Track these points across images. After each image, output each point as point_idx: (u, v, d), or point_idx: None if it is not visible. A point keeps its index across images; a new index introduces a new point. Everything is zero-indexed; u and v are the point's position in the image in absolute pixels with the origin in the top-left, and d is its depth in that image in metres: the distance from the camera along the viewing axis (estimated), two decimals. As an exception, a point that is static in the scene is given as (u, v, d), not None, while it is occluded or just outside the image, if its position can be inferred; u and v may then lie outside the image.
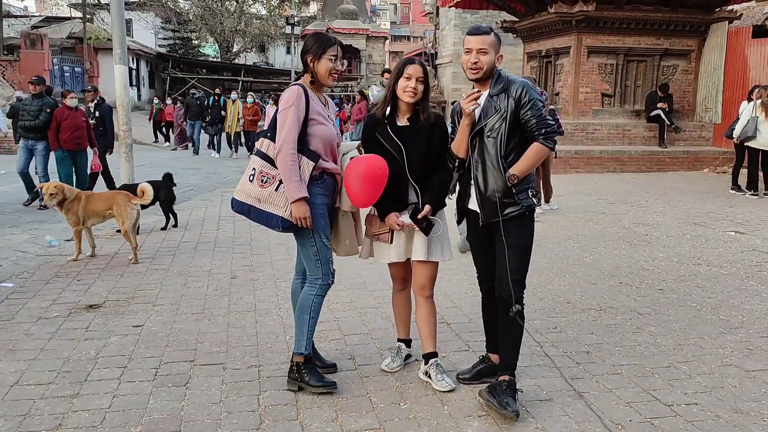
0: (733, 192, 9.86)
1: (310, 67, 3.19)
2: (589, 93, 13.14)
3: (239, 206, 3.18)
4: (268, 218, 3.12)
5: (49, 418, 2.96)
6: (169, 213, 7.47)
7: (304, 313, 3.23)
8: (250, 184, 3.14)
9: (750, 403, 3.12)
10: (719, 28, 12.98)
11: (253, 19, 39.34)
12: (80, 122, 8.56)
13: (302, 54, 3.23)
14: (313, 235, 3.16)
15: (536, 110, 2.98)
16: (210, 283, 5.19)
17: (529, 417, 2.98)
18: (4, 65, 21.98)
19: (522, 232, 3.06)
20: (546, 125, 3.00)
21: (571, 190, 10.09)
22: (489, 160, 3.05)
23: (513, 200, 3.02)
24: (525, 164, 3.01)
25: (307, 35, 3.37)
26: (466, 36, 3.09)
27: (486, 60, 3.03)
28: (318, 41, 3.19)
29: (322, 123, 3.17)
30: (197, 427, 2.88)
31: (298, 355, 3.26)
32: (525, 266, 3.12)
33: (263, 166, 3.13)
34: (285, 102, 3.10)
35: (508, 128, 3.00)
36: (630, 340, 3.96)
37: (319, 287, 3.22)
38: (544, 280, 5.23)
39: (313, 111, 3.14)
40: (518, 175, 2.99)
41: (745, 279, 5.34)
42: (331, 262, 3.25)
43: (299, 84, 3.19)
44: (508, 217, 3.02)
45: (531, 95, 2.99)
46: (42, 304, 4.63)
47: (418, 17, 52.05)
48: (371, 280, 5.15)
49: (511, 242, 3.03)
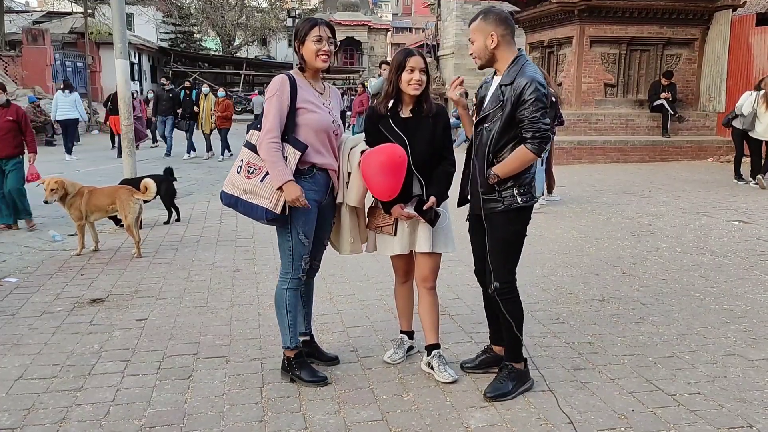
0: (736, 182, 9.80)
1: (298, 52, 3.17)
2: (591, 83, 13.06)
3: (227, 199, 3.16)
4: (254, 209, 3.08)
5: (53, 411, 2.98)
6: (170, 207, 7.48)
7: (281, 308, 3.24)
8: (237, 176, 3.12)
9: (753, 393, 3.12)
10: (723, 17, 12.88)
11: (255, 13, 39.21)
12: (2, 123, 6.95)
13: (293, 41, 3.22)
14: (291, 229, 3.13)
15: (533, 110, 2.83)
16: (213, 277, 5.20)
17: (531, 407, 2.98)
18: (6, 61, 21.97)
19: (505, 227, 3.01)
20: (536, 128, 2.84)
21: (574, 180, 10.06)
22: (481, 150, 3.02)
23: (495, 197, 2.98)
24: (507, 165, 2.93)
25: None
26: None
27: (476, 47, 3.01)
28: (301, 25, 3.17)
29: (312, 111, 3.11)
30: (200, 420, 2.89)
31: (286, 350, 3.28)
32: (508, 260, 3.07)
33: (250, 157, 3.11)
34: (268, 92, 3.10)
35: (503, 122, 2.92)
36: (633, 330, 3.96)
37: (290, 281, 3.21)
38: (546, 271, 5.23)
39: (302, 99, 3.08)
40: (499, 174, 2.92)
41: (749, 268, 5.33)
42: (304, 258, 3.20)
43: (286, 73, 3.16)
44: (492, 212, 2.99)
45: (534, 94, 2.83)
46: (46, 299, 4.64)
47: (420, 8, 51.78)
48: (374, 272, 5.15)
49: (494, 236, 3.01)
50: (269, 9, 39.79)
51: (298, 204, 3.01)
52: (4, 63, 21.90)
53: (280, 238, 3.20)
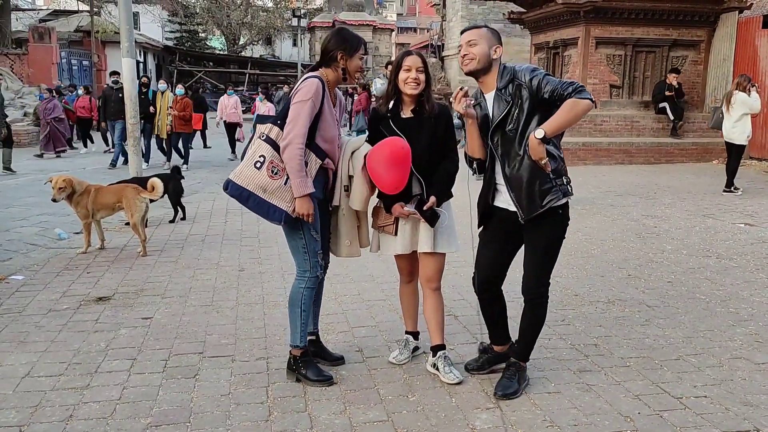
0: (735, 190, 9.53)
1: (340, 62, 3.11)
2: (597, 84, 13.03)
3: (237, 190, 3.04)
4: (270, 210, 3.04)
5: (60, 409, 2.99)
6: (177, 206, 7.50)
7: (295, 307, 3.22)
8: (257, 171, 3.03)
9: (760, 396, 3.11)
10: (729, 18, 12.83)
11: (260, 12, 39.31)
12: None
13: (331, 48, 3.13)
14: (301, 227, 3.13)
15: (553, 82, 2.86)
16: (218, 276, 5.21)
17: (537, 409, 2.98)
18: (12, 59, 22.06)
19: (551, 228, 3.03)
20: (570, 84, 2.83)
21: (579, 182, 9.98)
22: (515, 153, 2.98)
23: (551, 185, 2.93)
24: (556, 120, 2.79)
25: (335, 28, 3.29)
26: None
27: (477, 51, 2.98)
28: (351, 38, 3.16)
29: (329, 123, 3.12)
30: (206, 419, 2.90)
31: (294, 348, 3.28)
32: (551, 266, 3.13)
33: (274, 156, 3.04)
34: (303, 94, 3.01)
35: (525, 116, 2.92)
36: (638, 332, 3.95)
37: (307, 280, 3.20)
38: (552, 273, 5.21)
39: (326, 109, 3.09)
40: (546, 131, 2.78)
41: (755, 271, 5.31)
42: (319, 254, 3.21)
43: (318, 77, 3.09)
44: (542, 213, 2.95)
45: (540, 74, 2.91)
46: (52, 297, 4.66)
47: (425, 9, 51.74)
48: (379, 272, 5.15)
49: (538, 238, 3.03)
50: (274, 8, 39.86)
51: (306, 219, 3.05)
52: (11, 61, 21.99)
53: (292, 239, 3.19)
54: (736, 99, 8.91)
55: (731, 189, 9.09)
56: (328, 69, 3.16)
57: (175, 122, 11.85)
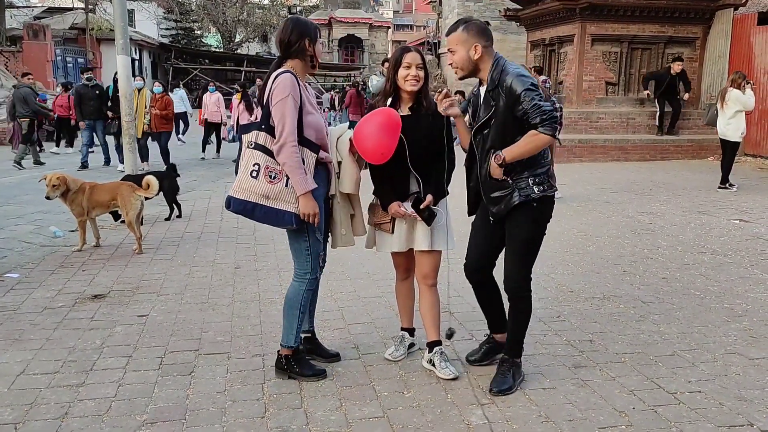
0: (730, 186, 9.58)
1: (308, 50, 3.06)
2: (593, 81, 13.05)
3: (240, 205, 3.00)
4: (279, 216, 2.98)
5: (55, 407, 2.99)
6: (172, 203, 7.48)
7: (293, 308, 3.20)
8: (255, 181, 2.97)
9: (754, 391, 3.12)
10: (724, 15, 12.86)
11: (256, 9, 39.23)
12: None
13: (295, 38, 3.02)
14: (307, 229, 3.09)
15: (529, 100, 2.83)
16: (214, 273, 5.20)
17: (532, 405, 2.99)
18: (6, 56, 21.95)
19: (525, 224, 3.02)
20: (541, 113, 2.83)
21: (574, 179, 10.05)
22: (485, 155, 3.03)
23: (509, 191, 2.97)
24: (516, 148, 2.89)
25: (289, 18, 3.17)
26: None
27: (456, 59, 2.99)
28: (310, 24, 3.12)
29: (311, 112, 3.07)
30: (202, 416, 2.90)
31: (286, 348, 3.25)
32: (529, 261, 3.11)
33: (268, 161, 2.97)
34: (281, 92, 2.93)
35: (502, 123, 2.94)
36: (633, 328, 3.96)
37: (308, 282, 3.19)
38: (547, 269, 5.23)
39: (305, 100, 3.04)
40: (504, 156, 2.88)
41: (750, 267, 5.33)
42: (321, 256, 3.22)
43: (289, 71, 3.01)
44: (513, 206, 2.98)
45: (523, 85, 2.85)
46: (47, 294, 4.65)
47: (421, 6, 51.72)
48: (375, 269, 5.16)
49: (514, 234, 3.04)
50: (270, 5, 39.78)
51: (311, 220, 3.00)
52: (5, 58, 21.87)
53: (295, 242, 3.14)
54: (730, 96, 8.94)
55: (726, 186, 9.13)
56: (294, 60, 3.07)
57: (156, 121, 11.16)
